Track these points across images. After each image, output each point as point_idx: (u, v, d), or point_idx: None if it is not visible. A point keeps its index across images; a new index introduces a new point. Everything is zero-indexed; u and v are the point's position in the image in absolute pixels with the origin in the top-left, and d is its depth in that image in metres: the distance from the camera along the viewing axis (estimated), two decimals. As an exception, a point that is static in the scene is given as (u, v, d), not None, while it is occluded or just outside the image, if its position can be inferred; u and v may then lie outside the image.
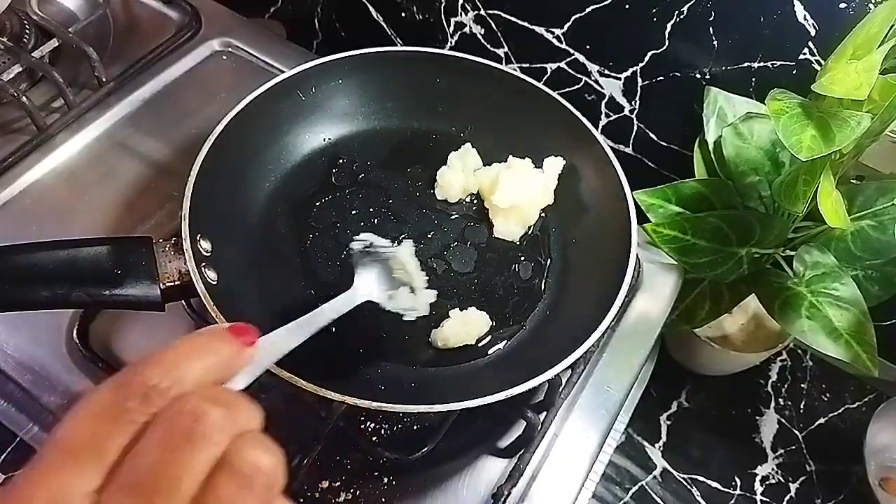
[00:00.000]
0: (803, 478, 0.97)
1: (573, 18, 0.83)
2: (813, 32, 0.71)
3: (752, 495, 0.96)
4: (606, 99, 0.89)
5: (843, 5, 0.68)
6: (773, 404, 1.03)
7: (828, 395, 1.04)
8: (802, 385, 1.04)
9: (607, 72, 0.86)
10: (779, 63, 0.75)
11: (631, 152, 0.93)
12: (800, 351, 1.07)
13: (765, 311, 0.74)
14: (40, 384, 0.59)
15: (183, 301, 0.59)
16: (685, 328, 0.85)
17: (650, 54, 0.81)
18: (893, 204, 0.69)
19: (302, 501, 0.55)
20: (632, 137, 0.91)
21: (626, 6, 0.78)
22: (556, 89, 0.69)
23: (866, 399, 1.03)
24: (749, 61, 0.77)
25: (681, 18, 0.76)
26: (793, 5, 0.70)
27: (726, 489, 0.96)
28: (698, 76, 0.80)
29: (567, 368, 0.52)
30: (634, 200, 0.62)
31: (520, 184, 0.65)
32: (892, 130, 0.68)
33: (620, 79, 0.86)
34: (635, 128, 0.90)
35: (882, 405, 0.94)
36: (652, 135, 0.89)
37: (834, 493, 0.96)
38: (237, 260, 0.59)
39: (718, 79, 0.79)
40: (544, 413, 0.60)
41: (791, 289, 0.72)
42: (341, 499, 0.56)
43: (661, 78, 0.83)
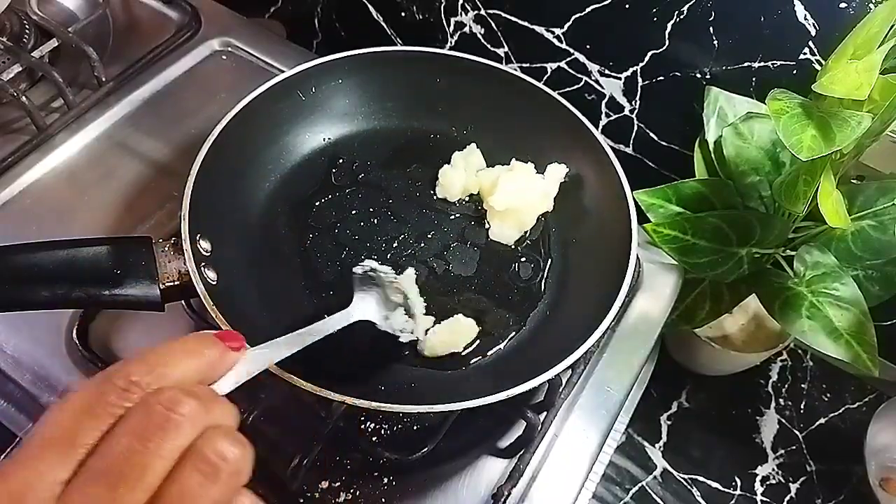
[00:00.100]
0: (804, 478, 0.97)
1: (573, 18, 0.83)
2: (813, 32, 0.71)
3: (753, 495, 0.96)
4: (607, 99, 0.89)
5: (844, 5, 0.68)
6: (774, 404, 1.03)
7: (828, 396, 1.04)
8: (803, 385, 1.04)
9: (607, 71, 0.86)
10: (779, 63, 0.75)
11: (631, 152, 0.93)
12: (800, 351, 1.07)
13: (765, 311, 0.74)
14: (40, 384, 0.59)
15: (183, 301, 0.59)
16: (685, 328, 0.85)
17: (650, 54, 0.81)
18: (894, 204, 0.69)
19: (302, 501, 0.55)
20: (632, 137, 0.91)
21: (627, 6, 0.78)
22: (557, 89, 0.68)
23: (867, 399, 1.03)
24: (749, 61, 0.77)
25: (681, 18, 0.76)
26: (793, 5, 0.70)
27: (726, 489, 0.96)
28: (698, 76, 0.80)
29: (567, 369, 0.52)
30: (634, 200, 0.62)
31: (518, 188, 0.65)
32: (893, 130, 0.68)
33: (621, 78, 0.86)
34: (635, 128, 0.90)
35: (882, 405, 0.94)
36: (652, 135, 0.89)
37: (834, 494, 0.96)
38: (237, 260, 0.59)
39: (719, 78, 0.79)
40: (544, 413, 0.59)
41: (791, 289, 0.72)
42: (341, 499, 0.56)
43: (662, 78, 0.83)
